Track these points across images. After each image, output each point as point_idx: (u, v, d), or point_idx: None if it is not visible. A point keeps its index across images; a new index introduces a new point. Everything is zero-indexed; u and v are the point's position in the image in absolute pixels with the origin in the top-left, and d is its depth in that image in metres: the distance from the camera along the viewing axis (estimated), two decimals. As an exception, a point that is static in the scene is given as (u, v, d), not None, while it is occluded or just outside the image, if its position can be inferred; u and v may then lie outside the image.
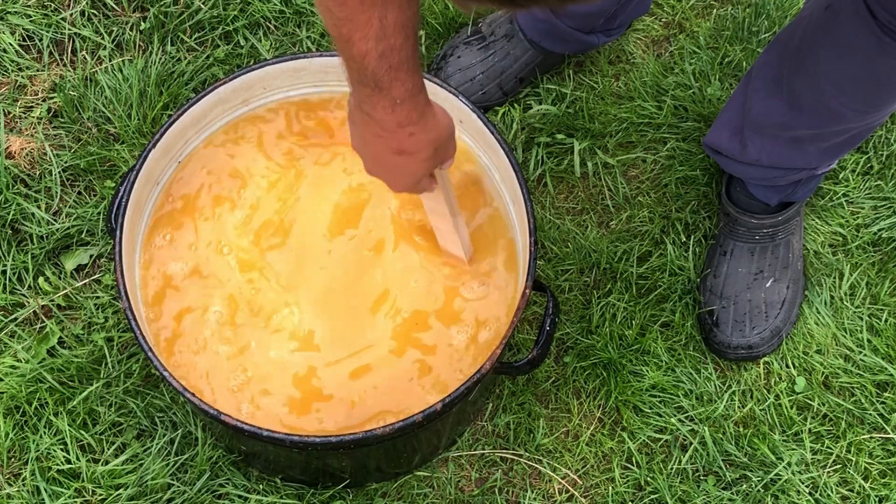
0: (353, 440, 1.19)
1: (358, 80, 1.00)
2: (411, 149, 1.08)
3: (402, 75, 1.00)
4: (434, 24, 1.77)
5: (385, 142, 1.07)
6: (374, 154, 1.11)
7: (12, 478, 1.44)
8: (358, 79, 1.00)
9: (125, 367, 1.49)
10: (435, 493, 1.47)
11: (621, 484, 1.49)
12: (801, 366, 1.58)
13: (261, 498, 1.42)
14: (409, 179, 1.14)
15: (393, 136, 1.05)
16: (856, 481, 1.50)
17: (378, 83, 0.99)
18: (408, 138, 1.06)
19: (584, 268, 1.62)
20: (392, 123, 1.04)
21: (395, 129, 1.04)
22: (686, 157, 1.71)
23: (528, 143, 1.70)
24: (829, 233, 1.68)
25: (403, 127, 1.04)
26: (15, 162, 1.63)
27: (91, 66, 1.72)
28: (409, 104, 1.03)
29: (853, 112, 1.35)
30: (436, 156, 1.11)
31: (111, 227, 1.30)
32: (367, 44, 0.95)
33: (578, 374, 1.55)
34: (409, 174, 1.13)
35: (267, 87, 1.44)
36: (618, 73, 1.79)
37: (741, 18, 1.82)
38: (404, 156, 1.09)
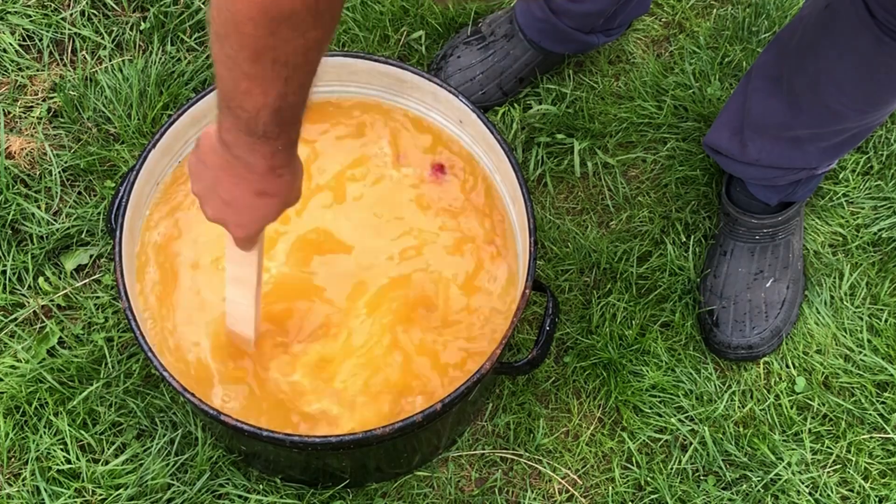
0: (353, 440, 1.19)
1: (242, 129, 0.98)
2: (274, 191, 1.06)
3: (291, 128, 0.99)
4: (434, 24, 1.77)
5: (248, 184, 1.04)
6: (227, 196, 1.07)
7: (12, 478, 1.44)
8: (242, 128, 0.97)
9: (125, 367, 1.49)
10: (435, 493, 1.47)
11: (621, 484, 1.49)
12: (801, 366, 1.58)
13: (261, 498, 1.42)
14: (260, 224, 1.11)
15: (260, 178, 1.03)
16: (856, 481, 1.50)
17: (266, 134, 0.97)
18: (275, 180, 1.04)
19: (584, 268, 1.62)
20: (265, 167, 1.02)
21: (265, 171, 1.02)
22: (686, 157, 1.71)
23: (528, 143, 1.70)
24: (829, 233, 1.68)
25: (275, 170, 1.02)
26: (15, 162, 1.63)
27: (91, 66, 1.72)
28: (287, 151, 1.02)
29: (853, 111, 1.35)
30: (290, 198, 1.09)
31: (111, 227, 1.30)
32: (265, 99, 0.93)
33: (578, 374, 1.55)
34: (262, 216, 1.09)
35: (267, 87, 1.44)
36: (618, 73, 1.79)
37: (741, 18, 1.82)
38: (265, 198, 1.06)
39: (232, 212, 1.09)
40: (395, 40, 1.76)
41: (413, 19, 1.78)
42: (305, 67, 0.92)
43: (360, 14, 1.76)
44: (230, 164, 1.03)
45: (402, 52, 1.77)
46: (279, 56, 0.89)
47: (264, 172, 1.03)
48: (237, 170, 1.03)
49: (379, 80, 1.44)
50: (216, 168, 1.05)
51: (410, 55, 1.77)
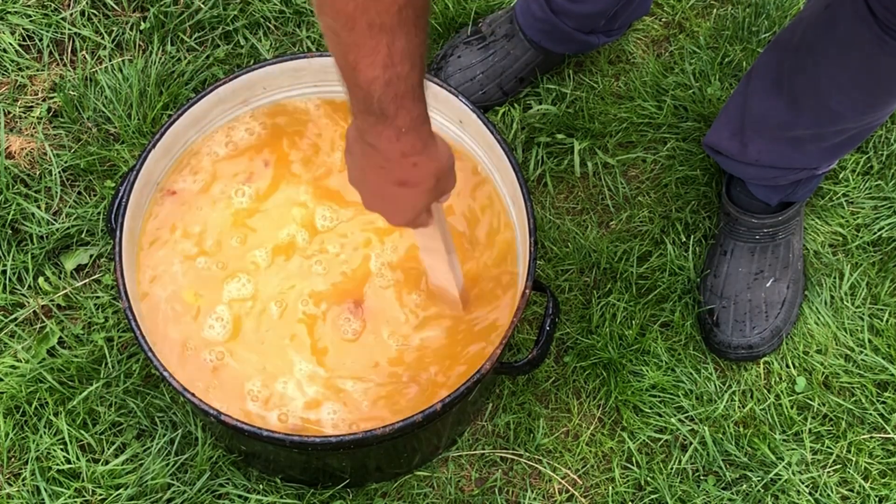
0: (353, 440, 1.19)
1: (362, 109, 0.98)
2: (414, 180, 1.06)
3: (408, 104, 0.98)
4: (434, 24, 1.77)
5: (387, 173, 1.05)
6: (374, 187, 1.09)
7: (12, 478, 1.44)
8: (363, 107, 0.98)
9: (125, 367, 1.49)
10: (435, 493, 1.47)
11: (621, 484, 1.49)
12: (801, 366, 1.58)
13: (261, 498, 1.42)
14: (410, 212, 1.11)
15: (396, 166, 1.03)
16: (856, 481, 1.50)
17: (384, 111, 0.97)
18: (411, 168, 1.04)
19: (584, 268, 1.62)
20: (396, 154, 1.02)
21: (398, 159, 1.02)
22: (686, 157, 1.71)
23: (528, 143, 1.70)
24: (830, 233, 1.68)
25: (407, 157, 1.02)
26: (15, 162, 1.63)
27: (91, 66, 1.72)
28: (413, 134, 1.01)
29: (853, 112, 1.35)
30: (437, 187, 1.09)
31: (111, 227, 1.30)
32: (374, 70, 0.93)
33: (578, 374, 1.55)
34: (409, 207, 1.10)
35: (267, 87, 1.44)
36: (618, 72, 1.79)
37: (741, 18, 1.82)
38: (406, 187, 1.06)
39: (382, 202, 1.11)
40: (395, 40, 1.76)
41: (413, 19, 1.78)
42: (404, 30, 0.91)
43: (360, 14, 1.76)
44: (368, 154, 1.04)
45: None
46: (373, 19, 0.89)
47: (398, 160, 1.03)
48: (375, 159, 1.04)
49: (379, 80, 1.44)
50: (359, 158, 1.07)
51: (410, 55, 1.77)
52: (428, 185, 1.07)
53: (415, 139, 1.02)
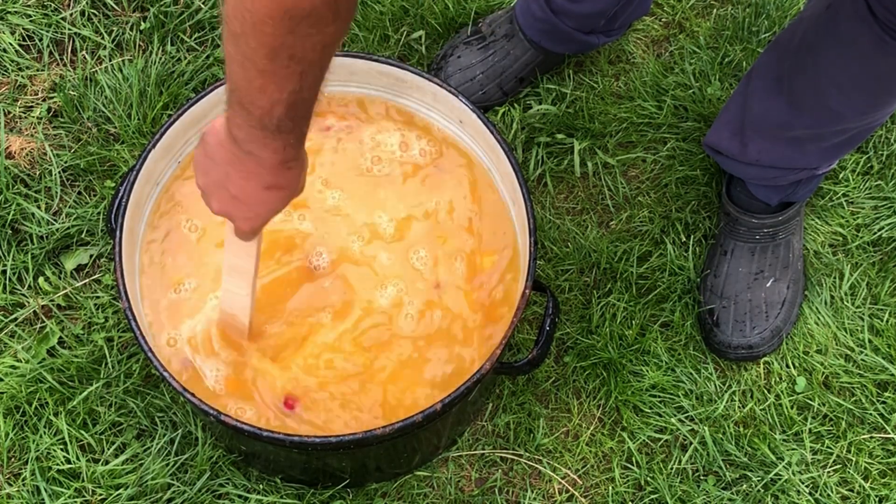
0: (353, 440, 1.19)
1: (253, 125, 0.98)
2: (284, 184, 1.07)
3: (303, 122, 1.00)
4: (434, 24, 1.77)
5: (258, 178, 1.05)
6: (235, 190, 1.08)
7: (12, 478, 1.44)
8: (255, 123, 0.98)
9: (125, 367, 1.49)
10: (435, 493, 1.47)
11: (621, 484, 1.49)
12: (801, 366, 1.58)
13: (261, 498, 1.42)
14: (267, 215, 1.12)
15: (270, 172, 1.04)
16: (856, 481, 1.50)
17: (279, 128, 0.98)
18: (286, 173, 1.05)
19: (584, 268, 1.62)
20: (276, 161, 1.03)
21: (276, 165, 1.03)
22: (686, 157, 1.71)
23: (528, 143, 1.70)
24: (830, 233, 1.68)
25: (285, 163, 1.04)
26: (15, 162, 1.63)
27: (91, 66, 1.72)
28: (298, 144, 1.03)
29: (853, 112, 1.35)
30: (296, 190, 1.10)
31: (111, 227, 1.30)
32: (280, 95, 0.94)
33: (578, 374, 1.55)
34: (269, 209, 1.11)
35: (267, 87, 1.44)
36: (618, 72, 1.79)
37: (741, 18, 1.82)
38: (274, 191, 1.07)
39: (240, 206, 1.10)
40: (395, 40, 1.76)
41: (413, 19, 1.78)
42: (321, 63, 0.93)
43: (360, 14, 1.76)
44: (240, 160, 1.04)
45: (402, 52, 1.77)
46: (296, 53, 0.90)
47: (275, 166, 1.04)
48: (247, 165, 1.04)
49: (379, 80, 1.44)
50: (225, 163, 1.06)
51: (410, 55, 1.77)
52: (292, 188, 1.09)
53: (297, 149, 1.04)
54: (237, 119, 0.99)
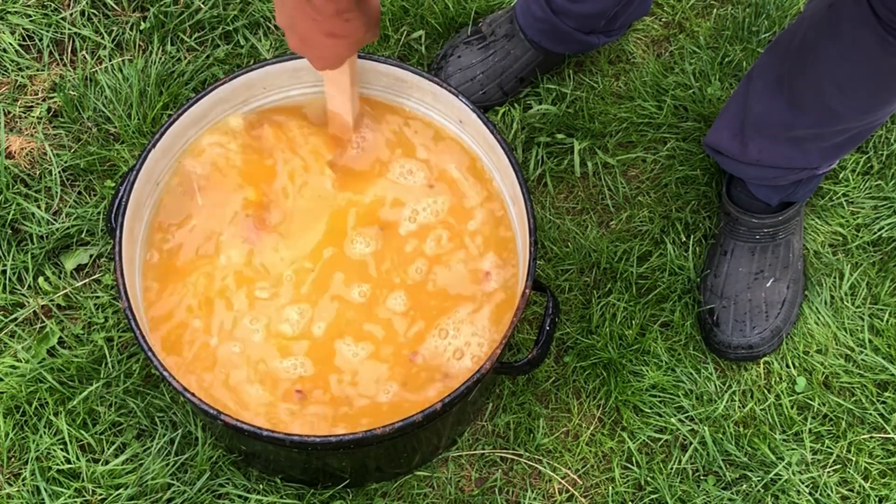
0: (353, 440, 1.19)
1: None
2: (344, 33, 1.10)
3: None
4: (434, 24, 1.77)
5: (318, 25, 1.09)
6: (302, 34, 1.13)
7: (12, 478, 1.44)
8: None
9: (125, 367, 1.49)
10: (435, 493, 1.47)
11: (621, 484, 1.49)
12: (801, 366, 1.58)
13: (261, 498, 1.42)
14: (335, 60, 1.17)
15: (328, 20, 1.08)
16: (856, 481, 1.50)
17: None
18: (343, 23, 1.08)
19: (584, 268, 1.62)
20: (330, 10, 1.06)
21: (331, 15, 1.07)
22: (686, 157, 1.71)
23: (528, 142, 1.70)
24: (830, 233, 1.68)
25: (341, 14, 1.07)
26: (15, 162, 1.63)
27: (91, 66, 1.72)
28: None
29: (854, 111, 1.35)
30: (364, 39, 1.14)
31: (111, 227, 1.30)
32: None
33: (578, 374, 1.55)
34: (334, 55, 1.16)
35: (267, 87, 1.44)
36: (618, 72, 1.79)
37: (741, 18, 1.82)
38: (335, 38, 1.11)
39: (307, 48, 1.16)
40: (395, 40, 1.76)
41: (413, 19, 1.78)
42: None
43: (360, 14, 1.76)
44: (302, 5, 1.07)
45: (402, 52, 1.77)
46: None
47: (331, 16, 1.07)
48: (307, 11, 1.07)
49: (379, 80, 1.44)
50: (291, 6, 1.10)
51: (410, 55, 1.77)
52: (356, 38, 1.12)
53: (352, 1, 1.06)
54: None
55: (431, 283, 1.38)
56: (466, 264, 1.40)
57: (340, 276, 1.38)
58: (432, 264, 1.40)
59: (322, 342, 1.35)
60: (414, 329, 1.35)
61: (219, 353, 1.33)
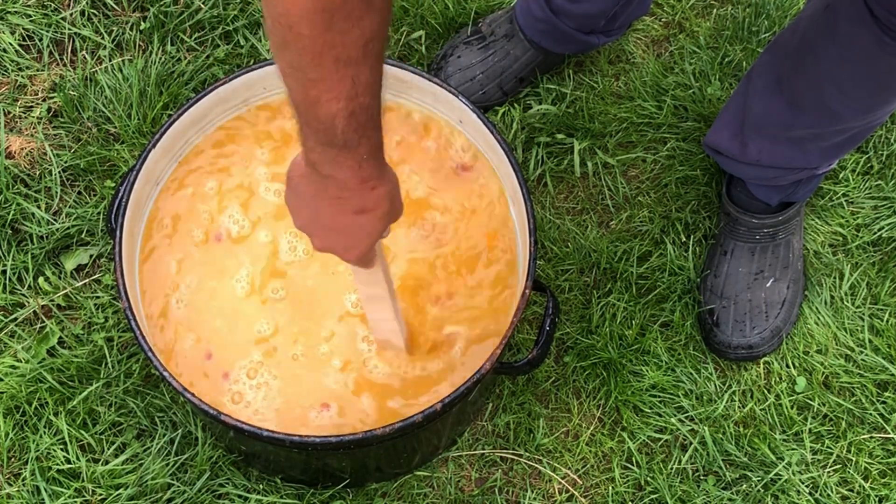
0: (353, 440, 1.19)
1: (322, 141, 0.97)
2: (372, 205, 1.05)
3: (370, 132, 0.98)
4: (434, 24, 1.77)
5: (344, 203, 1.04)
6: (329, 220, 1.07)
7: (12, 478, 1.44)
8: (323, 139, 0.97)
9: (125, 367, 1.49)
10: (435, 492, 1.47)
11: (621, 484, 1.49)
12: (801, 366, 1.58)
13: (261, 498, 1.42)
14: (367, 241, 1.10)
15: (354, 194, 1.03)
16: (856, 481, 1.50)
17: (347, 142, 0.96)
18: (370, 193, 1.03)
19: (584, 268, 1.62)
20: (356, 181, 1.01)
21: (357, 186, 1.02)
22: (686, 157, 1.71)
23: (528, 142, 1.70)
24: (830, 233, 1.68)
25: (366, 182, 1.02)
26: (15, 162, 1.63)
27: (91, 66, 1.72)
28: (373, 160, 1.01)
29: (853, 111, 1.35)
30: (391, 211, 1.08)
31: (111, 227, 1.30)
32: (337, 104, 0.93)
33: (578, 374, 1.55)
34: (366, 234, 1.09)
35: (267, 87, 1.44)
36: (618, 72, 1.79)
37: (741, 18, 1.82)
38: (365, 214, 1.05)
39: (338, 238, 1.09)
40: (395, 40, 1.76)
41: (413, 19, 1.78)
42: (368, 62, 0.91)
43: (360, 14, 1.76)
44: (323, 188, 1.02)
45: (402, 52, 1.77)
46: (339, 54, 0.89)
47: (357, 187, 1.02)
48: (331, 191, 1.02)
49: (379, 80, 1.44)
50: (311, 196, 1.05)
51: (410, 55, 1.77)
52: (384, 209, 1.06)
53: (374, 165, 1.01)
54: (308, 141, 0.98)
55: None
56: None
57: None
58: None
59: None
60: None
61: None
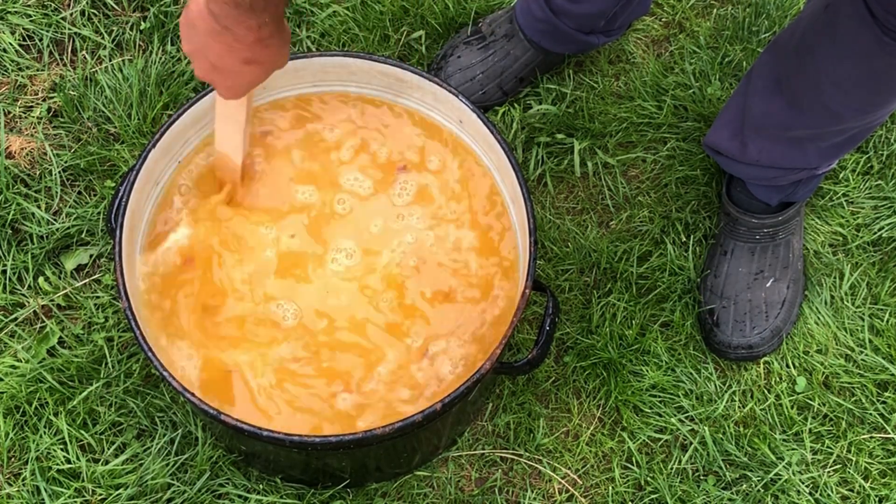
0: (353, 440, 1.19)
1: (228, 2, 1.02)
2: (262, 59, 1.10)
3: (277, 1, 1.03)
4: (434, 24, 1.77)
5: (236, 51, 1.08)
6: (216, 60, 1.11)
7: (12, 478, 1.44)
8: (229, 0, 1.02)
9: (125, 367, 1.49)
10: (435, 492, 1.47)
11: (621, 484, 1.49)
12: (801, 366, 1.58)
13: (261, 498, 1.42)
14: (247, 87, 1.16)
15: (247, 47, 1.07)
16: (856, 481, 1.50)
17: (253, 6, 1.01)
18: (263, 49, 1.08)
19: (584, 268, 1.62)
20: (251, 38, 1.06)
21: (252, 42, 1.06)
22: (686, 157, 1.71)
23: (528, 142, 1.70)
24: (830, 233, 1.68)
25: (262, 41, 1.06)
26: (15, 162, 1.63)
27: (91, 66, 1.72)
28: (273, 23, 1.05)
29: (853, 112, 1.35)
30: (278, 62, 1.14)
31: (111, 227, 1.30)
32: None
33: (578, 374, 1.55)
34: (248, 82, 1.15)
35: (267, 87, 1.44)
36: (618, 72, 1.79)
37: (741, 18, 1.82)
38: (252, 65, 1.10)
39: (219, 75, 1.14)
40: (395, 40, 1.76)
41: (413, 19, 1.78)
42: None
43: (360, 14, 1.76)
44: (218, 33, 1.06)
45: (402, 52, 1.77)
46: None
47: (252, 43, 1.06)
48: (225, 38, 1.06)
49: (379, 80, 1.44)
50: (204, 34, 1.08)
51: (410, 55, 1.77)
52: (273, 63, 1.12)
53: (273, 27, 1.06)
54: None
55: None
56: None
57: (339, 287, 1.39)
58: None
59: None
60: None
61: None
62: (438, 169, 1.44)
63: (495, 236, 1.41)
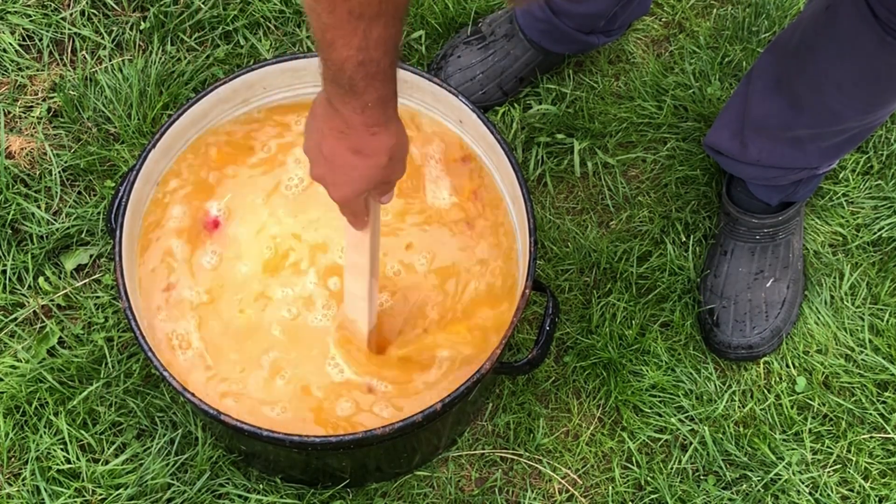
0: (353, 440, 1.19)
1: (332, 80, 1.02)
2: (370, 150, 1.08)
3: (377, 84, 1.02)
4: (434, 24, 1.77)
5: (345, 139, 1.07)
6: (328, 152, 1.10)
7: (12, 478, 1.44)
8: (332, 78, 1.02)
9: (125, 367, 1.49)
10: (435, 492, 1.47)
11: (621, 484, 1.49)
12: (801, 366, 1.58)
13: (261, 498, 1.42)
14: (357, 184, 1.12)
15: (355, 133, 1.06)
16: (856, 481, 1.50)
17: (353, 87, 1.01)
18: (370, 138, 1.07)
19: (584, 268, 1.62)
20: (357, 122, 1.05)
21: (359, 126, 1.06)
22: (686, 157, 1.71)
23: (528, 142, 1.70)
24: (830, 233, 1.68)
25: (369, 127, 1.06)
26: (15, 162, 1.63)
27: (91, 66, 1.72)
28: (378, 109, 1.05)
29: (853, 111, 1.35)
30: (389, 165, 1.11)
31: (111, 227, 1.31)
32: (348, 51, 0.97)
33: (578, 374, 1.55)
34: (358, 177, 1.11)
35: (267, 87, 1.44)
36: (618, 72, 1.79)
37: (741, 18, 1.82)
38: (360, 156, 1.09)
39: (331, 170, 1.12)
40: (395, 40, 1.76)
41: (413, 19, 1.78)
42: (382, 20, 0.97)
43: (360, 14, 1.76)
44: (331, 118, 1.07)
45: (402, 52, 1.77)
46: (353, 7, 0.94)
47: (359, 127, 1.06)
48: (336, 123, 1.07)
49: (379, 80, 1.44)
50: (321, 121, 1.09)
51: (410, 55, 1.77)
52: (381, 160, 1.10)
53: (379, 114, 1.05)
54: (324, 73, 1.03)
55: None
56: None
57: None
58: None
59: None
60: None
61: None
62: None
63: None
